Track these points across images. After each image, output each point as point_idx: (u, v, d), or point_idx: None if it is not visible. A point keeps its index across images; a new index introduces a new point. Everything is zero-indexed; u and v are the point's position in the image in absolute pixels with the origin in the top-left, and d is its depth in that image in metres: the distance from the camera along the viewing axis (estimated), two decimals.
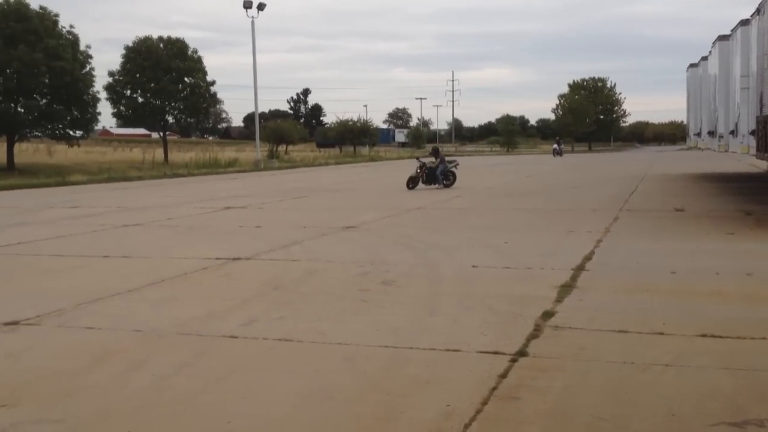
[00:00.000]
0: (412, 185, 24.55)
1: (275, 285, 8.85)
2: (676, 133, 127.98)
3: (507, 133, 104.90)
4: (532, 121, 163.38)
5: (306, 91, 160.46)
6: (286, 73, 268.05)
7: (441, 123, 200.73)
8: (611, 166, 44.28)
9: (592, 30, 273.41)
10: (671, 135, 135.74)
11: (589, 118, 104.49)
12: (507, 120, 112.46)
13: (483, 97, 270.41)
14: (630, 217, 15.38)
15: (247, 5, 50.14)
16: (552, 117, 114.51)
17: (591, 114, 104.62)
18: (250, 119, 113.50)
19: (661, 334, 6.36)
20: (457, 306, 7.58)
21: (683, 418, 4.56)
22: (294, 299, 8.07)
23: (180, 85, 53.23)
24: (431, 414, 4.68)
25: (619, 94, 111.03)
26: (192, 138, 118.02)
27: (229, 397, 5.05)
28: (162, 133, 57.59)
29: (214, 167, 46.65)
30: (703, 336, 6.27)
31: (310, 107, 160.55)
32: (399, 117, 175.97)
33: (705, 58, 33.15)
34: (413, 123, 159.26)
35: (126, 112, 53.60)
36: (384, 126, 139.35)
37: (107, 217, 17.12)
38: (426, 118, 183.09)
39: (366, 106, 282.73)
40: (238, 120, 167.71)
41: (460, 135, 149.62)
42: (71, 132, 43.43)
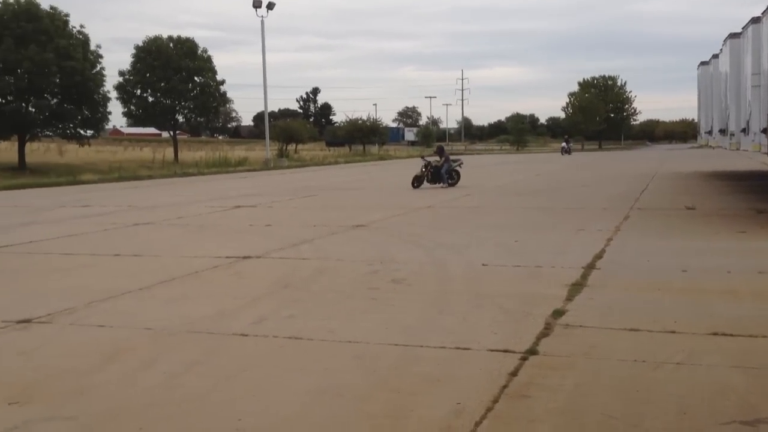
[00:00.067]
0: (417, 184, 24.55)
1: (285, 283, 8.87)
2: (687, 132, 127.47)
3: (517, 132, 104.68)
4: (542, 120, 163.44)
5: (315, 90, 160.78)
6: (295, 72, 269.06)
7: (451, 122, 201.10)
8: (622, 164, 44.15)
9: (602, 28, 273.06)
10: (682, 133, 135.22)
11: (600, 116, 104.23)
12: (517, 118, 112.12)
13: (493, 96, 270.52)
14: (641, 216, 15.33)
15: (257, 4, 49.99)
16: (562, 115, 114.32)
17: (601, 112, 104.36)
18: (259, 118, 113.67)
19: (673, 332, 6.34)
20: (467, 304, 7.57)
21: (695, 416, 4.54)
22: (304, 298, 8.08)
23: (190, 85, 53.36)
24: (441, 412, 4.67)
25: (630, 92, 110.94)
26: (202, 137, 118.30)
27: (240, 395, 5.06)
28: (172, 133, 57.77)
29: (223, 166, 46.76)
30: (715, 334, 6.25)
31: (319, 106, 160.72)
32: (408, 116, 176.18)
33: (716, 56, 33.00)
34: (423, 122, 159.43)
35: (136, 111, 53.77)
36: (393, 125, 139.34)
37: (118, 216, 17.17)
38: (435, 116, 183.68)
39: (375, 104, 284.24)
40: (247, 119, 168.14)
41: (469, 134, 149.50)
42: (82, 131, 43.57)
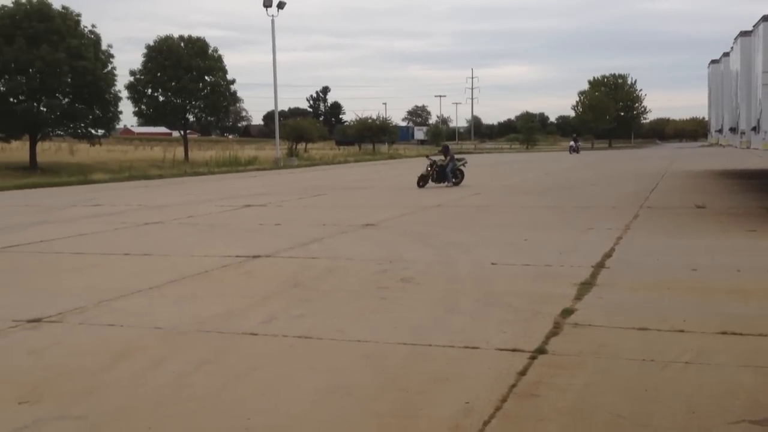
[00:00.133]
0: (422, 183, 24.60)
1: (295, 282, 8.89)
2: (697, 130, 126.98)
3: (526, 131, 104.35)
4: (551, 118, 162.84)
5: (325, 89, 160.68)
6: (305, 72, 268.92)
7: (460, 120, 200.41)
8: (631, 162, 44.02)
9: (612, 26, 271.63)
10: (692, 132, 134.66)
11: (610, 115, 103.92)
12: (526, 117, 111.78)
13: (502, 95, 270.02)
14: (650, 215, 15.29)
15: (267, 4, 49.93)
16: (572, 114, 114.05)
17: (611, 111, 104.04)
18: (269, 117, 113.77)
19: (682, 331, 6.33)
20: (476, 303, 7.58)
21: (703, 415, 4.53)
22: (313, 297, 8.10)
23: (200, 84, 53.47)
24: (450, 411, 4.68)
25: (640, 90, 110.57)
26: (212, 136, 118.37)
27: (249, 394, 5.09)
28: (182, 132, 57.89)
29: (234, 165, 46.83)
30: (724, 333, 6.24)
31: (329, 105, 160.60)
32: (418, 114, 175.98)
33: (727, 54, 32.83)
34: (432, 120, 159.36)
35: (147, 110, 53.92)
36: (403, 124, 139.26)
37: (128, 215, 17.24)
38: (445, 115, 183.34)
39: (385, 103, 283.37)
40: (257, 118, 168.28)
41: (479, 132, 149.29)
42: (93, 131, 43.72)
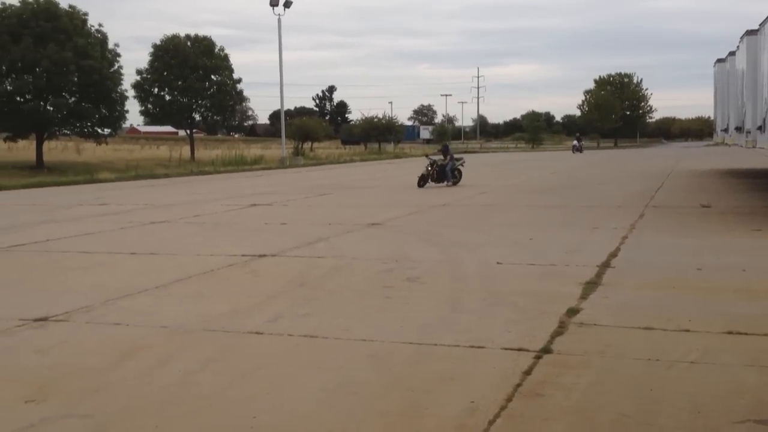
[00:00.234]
0: (423, 183, 24.59)
1: (301, 282, 8.91)
2: (703, 129, 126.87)
3: (532, 130, 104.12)
4: (557, 118, 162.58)
5: (331, 88, 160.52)
6: (311, 71, 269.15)
7: (466, 119, 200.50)
8: (637, 162, 43.94)
9: (618, 25, 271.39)
10: (698, 131, 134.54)
11: (615, 114, 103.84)
12: (532, 116, 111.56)
13: (508, 94, 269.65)
14: (656, 214, 15.27)
15: (274, 3, 49.93)
16: (578, 113, 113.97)
17: (617, 110, 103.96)
18: (275, 116, 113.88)
19: (687, 331, 6.33)
20: (482, 303, 7.59)
21: (709, 415, 4.54)
22: (319, 296, 8.11)
23: (207, 83, 53.42)
24: (455, 410, 4.69)
25: (646, 89, 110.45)
26: (218, 135, 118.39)
27: (255, 393, 5.10)
28: (189, 131, 57.95)
29: (240, 164, 46.87)
30: (729, 333, 6.23)
31: (335, 104, 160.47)
32: (424, 114, 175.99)
33: (732, 53, 32.83)
34: (438, 120, 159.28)
35: (153, 109, 53.91)
36: (409, 123, 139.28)
37: (135, 215, 17.28)
38: (451, 114, 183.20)
39: (391, 102, 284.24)
40: (263, 117, 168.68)
41: (485, 131, 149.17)
42: (99, 130, 43.73)
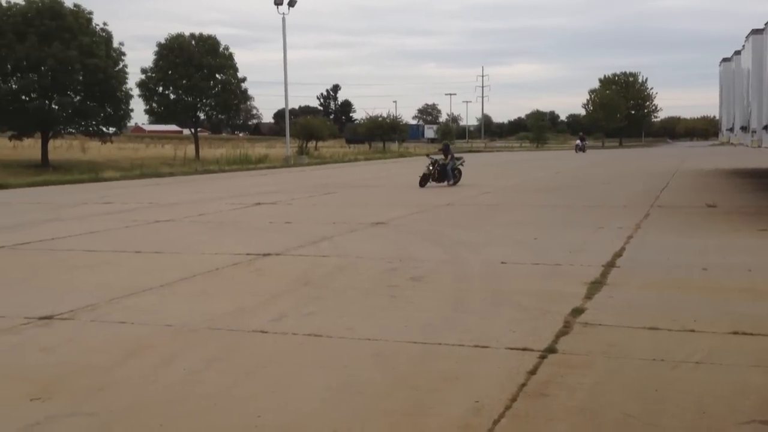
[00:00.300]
0: (424, 183, 24.57)
1: (305, 281, 8.91)
2: (708, 129, 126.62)
3: (537, 129, 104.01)
4: (562, 117, 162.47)
5: (336, 87, 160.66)
6: (316, 70, 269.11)
7: (470, 119, 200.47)
8: (642, 161, 43.89)
9: (622, 24, 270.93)
10: (703, 130, 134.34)
11: (620, 113, 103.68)
12: (537, 115, 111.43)
13: (513, 93, 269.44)
14: (661, 214, 15.25)
15: (278, 2, 49.85)
16: (582, 112, 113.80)
17: (622, 109, 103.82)
18: (280, 115, 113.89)
19: (692, 331, 6.32)
20: (486, 302, 7.58)
21: (714, 415, 4.53)
22: (323, 295, 8.11)
23: (211, 82, 53.49)
24: (460, 410, 4.69)
25: (651, 89, 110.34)
26: (223, 134, 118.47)
27: (259, 392, 5.11)
28: (193, 130, 58.00)
29: (244, 163, 46.87)
30: (735, 333, 6.22)
31: (339, 103, 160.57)
32: (428, 113, 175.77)
33: (738, 52, 32.69)
34: (443, 119, 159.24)
35: (158, 108, 53.95)
36: (413, 122, 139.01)
37: (139, 213, 17.29)
38: (455, 113, 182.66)
39: (395, 102, 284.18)
40: (268, 116, 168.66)
41: (489, 131, 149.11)
42: (104, 128, 43.78)
